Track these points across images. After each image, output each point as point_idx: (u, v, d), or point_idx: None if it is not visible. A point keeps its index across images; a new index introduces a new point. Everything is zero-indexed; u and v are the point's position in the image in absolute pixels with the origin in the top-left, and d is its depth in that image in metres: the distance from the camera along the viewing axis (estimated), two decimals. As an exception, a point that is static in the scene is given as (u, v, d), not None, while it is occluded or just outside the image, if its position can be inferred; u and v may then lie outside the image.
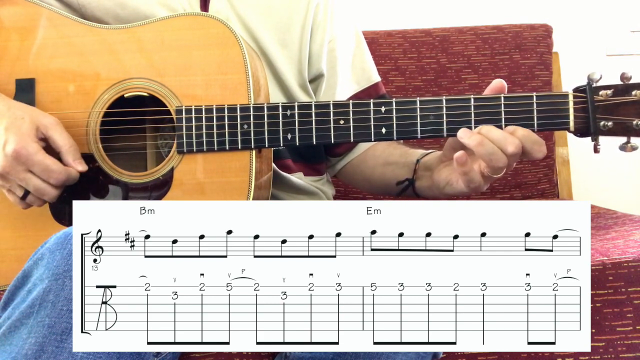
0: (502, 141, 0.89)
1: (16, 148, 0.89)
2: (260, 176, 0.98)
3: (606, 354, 1.06)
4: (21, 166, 0.90)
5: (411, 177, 1.07)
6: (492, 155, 0.89)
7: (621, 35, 2.03)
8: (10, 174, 0.90)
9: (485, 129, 0.90)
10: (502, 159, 0.89)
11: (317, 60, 1.16)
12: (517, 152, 0.89)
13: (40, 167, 0.90)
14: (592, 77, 0.91)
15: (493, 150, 0.89)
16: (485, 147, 0.89)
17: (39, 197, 0.93)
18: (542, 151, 0.90)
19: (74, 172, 0.93)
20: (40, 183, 0.91)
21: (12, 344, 0.77)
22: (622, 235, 1.22)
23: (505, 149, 0.88)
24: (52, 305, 0.77)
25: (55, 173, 0.91)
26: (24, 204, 0.94)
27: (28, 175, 0.90)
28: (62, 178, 0.91)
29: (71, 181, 0.93)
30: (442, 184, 0.99)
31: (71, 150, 0.93)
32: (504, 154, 0.89)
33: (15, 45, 1.01)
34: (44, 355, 0.75)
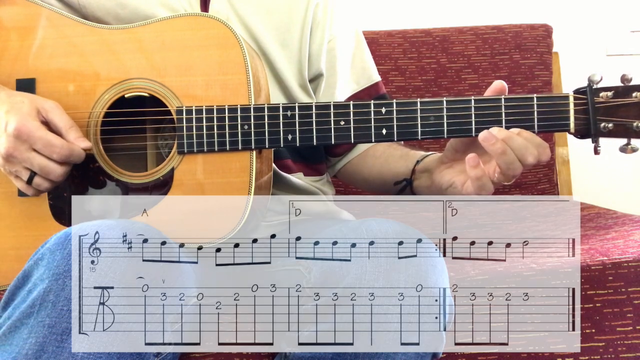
0: (523, 150, 0.88)
1: (17, 126, 0.89)
2: (260, 176, 0.98)
3: (606, 354, 1.06)
4: (24, 145, 0.90)
5: (409, 178, 1.07)
6: (510, 165, 0.88)
7: (621, 35, 2.03)
8: (14, 155, 0.90)
9: (507, 136, 0.88)
10: (519, 169, 0.88)
11: (317, 60, 1.16)
12: (534, 163, 0.88)
13: (42, 142, 0.90)
14: (593, 79, 0.91)
15: (513, 160, 0.88)
16: (507, 156, 0.88)
17: (45, 178, 0.92)
18: (546, 154, 0.90)
19: (77, 148, 0.92)
20: (44, 160, 0.90)
21: (13, 344, 0.77)
22: (622, 235, 1.22)
23: (525, 160, 0.88)
24: (52, 305, 0.77)
25: (58, 147, 0.90)
26: (32, 189, 0.93)
27: (32, 154, 0.90)
28: (65, 152, 0.91)
29: (75, 158, 0.92)
30: (445, 185, 0.98)
31: (72, 130, 0.93)
32: (522, 164, 0.88)
33: (16, 45, 1.01)
34: (44, 355, 0.75)
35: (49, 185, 0.93)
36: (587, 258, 1.10)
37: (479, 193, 0.92)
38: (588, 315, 1.07)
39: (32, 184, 0.92)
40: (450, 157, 0.98)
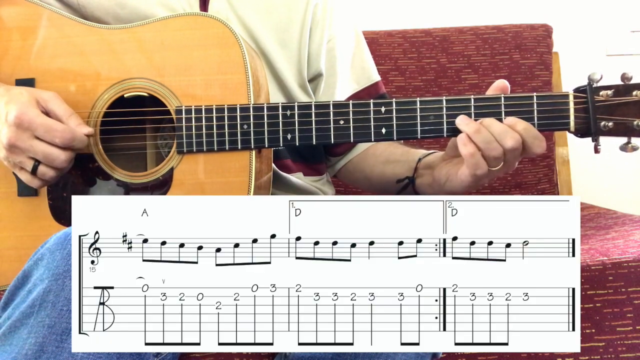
0: (502, 134, 0.89)
1: (17, 114, 0.89)
2: (260, 176, 0.98)
3: (606, 354, 1.06)
4: (26, 133, 0.90)
5: (411, 176, 1.07)
6: (488, 144, 0.89)
7: (621, 35, 2.03)
8: (17, 145, 0.90)
9: (487, 122, 0.90)
10: (497, 149, 0.89)
11: (316, 60, 1.16)
12: (516, 146, 0.89)
13: (43, 128, 0.90)
14: (593, 78, 0.91)
15: (489, 139, 0.89)
16: (482, 134, 0.89)
17: (50, 165, 0.92)
18: (542, 146, 0.90)
19: (80, 132, 0.92)
20: (47, 147, 0.90)
21: (12, 344, 0.77)
22: (622, 235, 1.22)
23: (504, 143, 0.89)
24: (52, 305, 0.77)
25: (59, 132, 0.90)
26: (37, 180, 0.93)
27: (35, 141, 0.90)
28: (68, 136, 0.90)
29: (78, 143, 0.92)
30: (443, 179, 0.98)
31: (73, 117, 0.93)
32: (502, 147, 0.89)
33: (15, 46, 1.01)
34: (44, 356, 0.75)
35: (53, 174, 0.93)
36: (587, 258, 1.10)
37: (474, 172, 0.91)
38: (588, 315, 1.07)
39: (37, 174, 0.92)
40: (451, 154, 0.98)
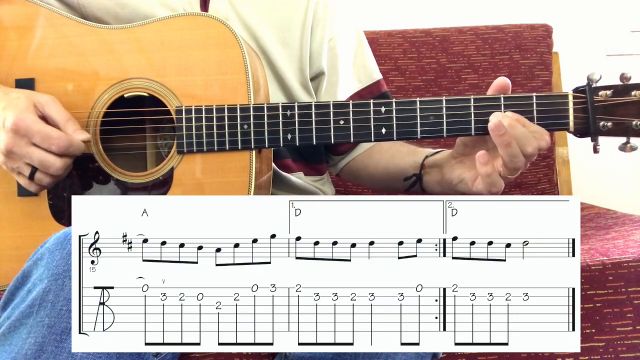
0: (524, 140, 0.89)
1: (15, 121, 0.89)
2: (260, 176, 0.98)
3: (606, 354, 1.06)
4: (23, 139, 0.90)
5: (419, 173, 1.07)
6: (514, 158, 0.89)
7: (621, 35, 2.03)
8: (14, 151, 0.90)
9: (510, 124, 0.89)
10: (521, 162, 0.90)
11: (318, 59, 1.16)
12: (535, 153, 0.89)
13: (40, 135, 0.90)
14: (592, 78, 0.91)
15: (517, 154, 0.89)
16: (511, 149, 0.89)
17: (46, 172, 0.92)
18: (546, 140, 0.91)
19: (76, 139, 0.92)
20: (43, 154, 0.90)
21: (12, 344, 0.77)
22: (622, 235, 1.22)
23: (525, 150, 0.89)
24: (51, 305, 0.77)
25: (55, 139, 0.90)
26: (34, 185, 0.93)
27: (31, 148, 0.90)
28: (64, 144, 0.90)
29: (74, 150, 0.92)
30: (455, 181, 0.98)
31: (70, 122, 0.92)
32: (523, 155, 0.89)
33: (15, 45, 1.01)
34: (43, 355, 0.75)
35: (50, 180, 0.93)
36: (587, 258, 1.10)
37: (489, 190, 0.92)
38: (588, 315, 1.07)
39: (34, 180, 0.92)
40: (461, 152, 0.98)
